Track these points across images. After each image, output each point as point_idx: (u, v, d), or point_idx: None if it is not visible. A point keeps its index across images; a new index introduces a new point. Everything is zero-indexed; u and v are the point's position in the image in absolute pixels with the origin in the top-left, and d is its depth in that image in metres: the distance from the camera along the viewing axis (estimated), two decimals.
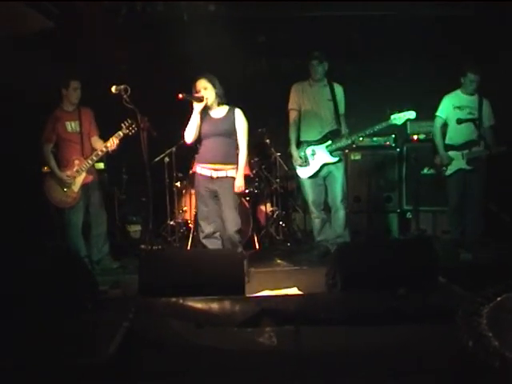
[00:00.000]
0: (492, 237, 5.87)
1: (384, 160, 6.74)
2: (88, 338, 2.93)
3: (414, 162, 6.55)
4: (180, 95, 4.53)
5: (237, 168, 4.80)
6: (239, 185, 4.79)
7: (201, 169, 4.82)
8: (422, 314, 3.11)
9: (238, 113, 4.81)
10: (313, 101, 5.66)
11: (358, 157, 6.77)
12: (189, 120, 4.74)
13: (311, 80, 5.70)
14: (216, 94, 4.74)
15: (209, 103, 4.73)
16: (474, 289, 2.59)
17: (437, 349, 2.37)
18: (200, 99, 4.66)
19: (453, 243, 5.68)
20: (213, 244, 4.85)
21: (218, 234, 4.90)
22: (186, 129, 4.75)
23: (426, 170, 6.49)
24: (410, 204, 6.66)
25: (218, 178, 4.77)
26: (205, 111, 4.77)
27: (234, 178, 4.78)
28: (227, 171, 4.77)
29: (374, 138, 6.74)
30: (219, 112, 4.82)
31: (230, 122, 4.79)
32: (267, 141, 6.73)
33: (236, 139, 4.83)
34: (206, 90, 4.71)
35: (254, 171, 6.58)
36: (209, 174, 4.77)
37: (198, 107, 4.68)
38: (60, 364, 2.55)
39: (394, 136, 6.74)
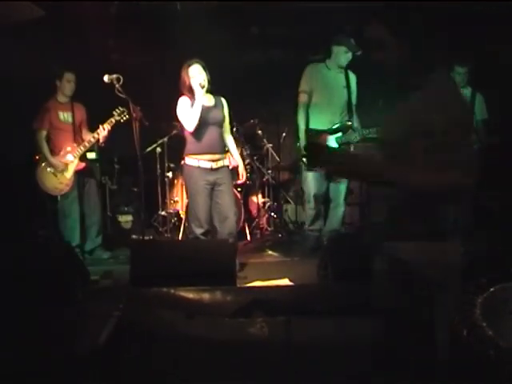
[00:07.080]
0: (482, 228, 5.89)
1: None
2: (78, 327, 2.93)
3: None
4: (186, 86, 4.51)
5: (227, 157, 4.83)
6: (244, 172, 4.97)
7: (198, 161, 4.60)
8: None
9: (225, 101, 4.78)
10: (328, 86, 5.29)
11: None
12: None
13: (329, 62, 5.34)
14: (208, 79, 4.56)
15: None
16: (464, 280, 2.59)
17: (430, 339, 2.38)
18: (202, 85, 4.47)
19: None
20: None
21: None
22: (188, 117, 4.51)
23: None
24: None
25: (217, 168, 4.65)
26: (193, 98, 4.54)
27: (228, 167, 4.81)
28: (223, 160, 4.72)
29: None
30: (208, 99, 4.66)
31: (221, 110, 4.72)
32: (259, 132, 6.70)
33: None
34: (201, 74, 4.51)
35: (246, 162, 6.56)
36: (209, 166, 4.60)
37: (200, 93, 4.47)
38: (49, 354, 2.54)
39: None
